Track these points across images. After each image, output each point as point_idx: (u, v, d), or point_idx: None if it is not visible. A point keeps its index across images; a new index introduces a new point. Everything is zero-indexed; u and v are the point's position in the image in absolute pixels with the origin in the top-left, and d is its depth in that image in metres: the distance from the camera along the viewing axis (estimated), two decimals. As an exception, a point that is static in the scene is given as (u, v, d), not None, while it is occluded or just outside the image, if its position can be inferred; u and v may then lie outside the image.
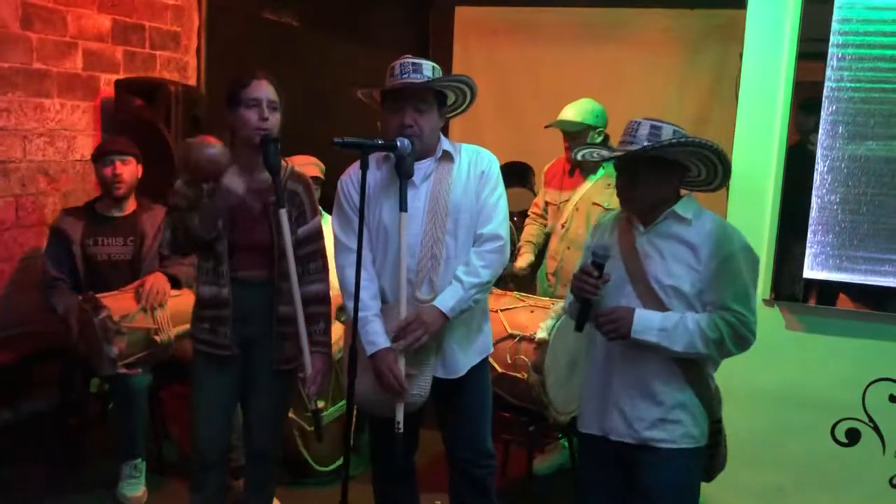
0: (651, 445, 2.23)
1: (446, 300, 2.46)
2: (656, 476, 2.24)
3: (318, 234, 2.71)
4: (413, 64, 2.46)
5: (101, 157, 3.57)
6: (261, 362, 2.68)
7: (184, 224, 2.55)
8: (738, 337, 2.18)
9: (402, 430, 2.44)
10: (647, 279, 2.22)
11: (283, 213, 2.53)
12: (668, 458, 2.23)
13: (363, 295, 2.41)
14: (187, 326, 2.87)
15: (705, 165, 2.26)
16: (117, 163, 3.53)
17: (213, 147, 2.46)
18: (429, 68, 2.48)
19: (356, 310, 2.39)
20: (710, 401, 2.27)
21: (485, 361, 2.66)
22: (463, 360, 2.57)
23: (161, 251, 3.55)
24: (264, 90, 2.55)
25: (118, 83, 4.39)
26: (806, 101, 2.90)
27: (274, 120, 2.55)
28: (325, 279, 2.72)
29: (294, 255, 2.57)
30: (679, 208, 2.23)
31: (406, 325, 2.43)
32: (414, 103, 2.46)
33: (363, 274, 2.40)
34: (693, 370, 2.24)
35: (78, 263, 3.52)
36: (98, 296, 3.25)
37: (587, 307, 2.24)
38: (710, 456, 2.33)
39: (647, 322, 2.17)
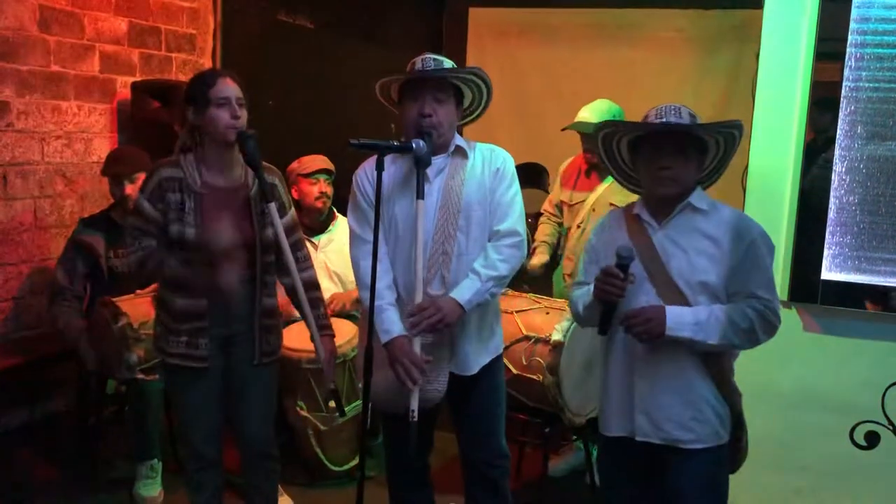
0: (678, 446, 2.20)
1: (463, 292, 2.44)
2: (685, 478, 2.22)
3: (298, 224, 2.79)
4: (434, 59, 2.49)
5: (110, 174, 3.55)
6: (244, 358, 2.67)
7: (155, 265, 2.56)
8: (767, 323, 2.16)
9: (416, 419, 2.39)
10: (670, 277, 2.19)
11: (273, 207, 2.55)
12: (696, 459, 2.21)
13: (379, 284, 2.41)
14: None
15: (721, 157, 2.28)
16: (127, 184, 3.50)
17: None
18: (449, 65, 2.51)
19: (372, 300, 2.38)
20: (731, 394, 2.25)
21: (497, 360, 2.66)
22: (475, 358, 2.57)
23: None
24: (232, 88, 2.54)
25: (134, 85, 4.41)
26: (824, 101, 2.88)
27: (244, 117, 2.55)
28: (312, 265, 2.80)
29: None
30: (695, 200, 2.22)
31: (421, 310, 2.41)
32: (433, 93, 2.47)
33: (378, 265, 2.41)
34: (714, 365, 2.21)
35: (100, 276, 3.52)
36: (116, 301, 3.26)
37: (611, 310, 2.21)
38: (734, 450, 2.31)
39: (679, 318, 2.14)
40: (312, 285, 2.75)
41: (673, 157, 2.18)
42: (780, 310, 2.20)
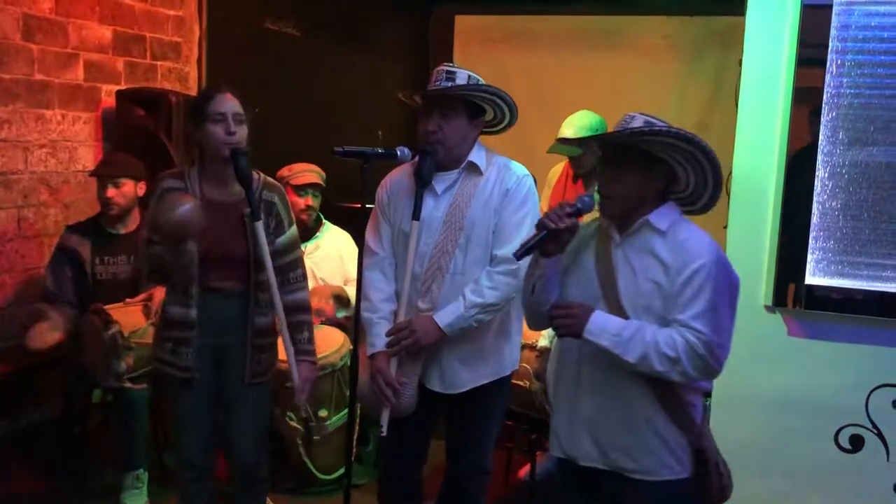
0: (625, 475, 2.10)
1: (445, 316, 2.45)
2: None
3: (296, 243, 2.73)
4: (447, 72, 2.48)
5: (97, 176, 3.57)
6: (236, 373, 2.65)
7: (162, 268, 2.54)
8: (697, 358, 1.97)
9: (385, 434, 2.45)
10: (618, 296, 2.07)
11: (259, 226, 2.53)
12: (644, 491, 2.09)
13: (375, 297, 2.47)
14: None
15: (695, 173, 2.09)
16: (110, 187, 3.51)
17: (185, 205, 2.39)
18: (463, 77, 2.47)
19: (358, 312, 2.42)
20: (690, 428, 2.10)
21: (499, 382, 2.61)
22: (465, 376, 2.54)
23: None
24: (229, 104, 2.54)
25: (119, 94, 4.40)
26: (806, 107, 2.90)
27: (241, 133, 2.55)
28: (307, 287, 2.74)
29: (274, 265, 2.57)
30: (654, 217, 2.07)
31: (397, 330, 2.44)
32: (441, 110, 2.46)
33: (379, 277, 2.50)
34: (668, 394, 2.07)
35: (86, 282, 3.51)
36: (108, 308, 3.24)
37: (539, 241, 2.04)
38: (701, 488, 2.14)
39: (603, 324, 2.00)
40: (301, 308, 2.70)
41: (613, 173, 2.09)
42: (720, 348, 2.00)
